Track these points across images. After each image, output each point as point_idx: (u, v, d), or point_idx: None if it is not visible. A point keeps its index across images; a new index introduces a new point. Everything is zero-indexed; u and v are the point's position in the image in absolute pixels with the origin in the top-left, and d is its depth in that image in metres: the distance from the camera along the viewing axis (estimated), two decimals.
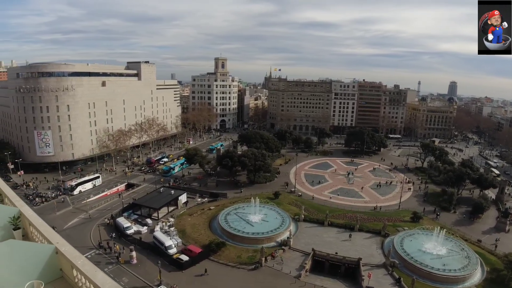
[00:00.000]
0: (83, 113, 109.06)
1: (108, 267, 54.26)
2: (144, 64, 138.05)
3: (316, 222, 72.17)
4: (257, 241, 62.39)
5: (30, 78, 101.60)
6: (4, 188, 14.54)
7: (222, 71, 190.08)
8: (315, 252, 58.94)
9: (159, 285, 49.80)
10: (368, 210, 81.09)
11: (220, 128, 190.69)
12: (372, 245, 63.87)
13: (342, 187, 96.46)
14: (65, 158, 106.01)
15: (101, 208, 79.83)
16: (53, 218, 70.96)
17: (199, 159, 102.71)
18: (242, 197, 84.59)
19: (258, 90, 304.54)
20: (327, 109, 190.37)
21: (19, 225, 12.17)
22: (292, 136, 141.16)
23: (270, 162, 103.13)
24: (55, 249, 10.02)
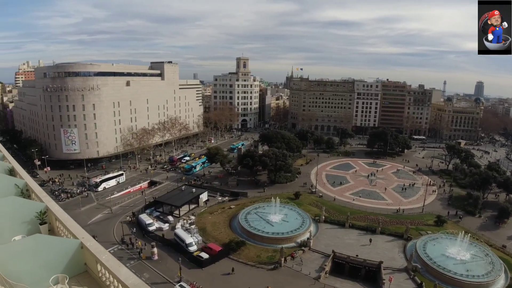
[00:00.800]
0: (108, 112, 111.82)
1: (130, 263, 55.51)
2: (167, 64, 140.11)
3: (337, 223, 71.40)
4: (277, 241, 62.32)
5: (57, 77, 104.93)
6: (32, 183, 15.08)
7: (244, 70, 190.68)
8: (335, 254, 58.33)
9: (179, 281, 50.50)
10: (391, 212, 79.54)
11: (241, 127, 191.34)
12: (394, 249, 62.67)
13: (364, 189, 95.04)
14: (90, 155, 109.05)
15: (124, 205, 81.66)
16: (78, 213, 73.14)
17: (220, 158, 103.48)
18: (262, 196, 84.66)
19: (279, 90, 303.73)
20: (349, 109, 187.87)
21: (46, 220, 12.60)
22: (313, 136, 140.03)
23: (291, 162, 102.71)
24: (81, 244, 10.32)
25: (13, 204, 12.35)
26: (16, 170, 17.02)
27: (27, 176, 16.06)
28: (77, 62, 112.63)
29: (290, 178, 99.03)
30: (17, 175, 16.54)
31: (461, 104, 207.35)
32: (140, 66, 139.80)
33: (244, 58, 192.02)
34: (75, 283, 10.02)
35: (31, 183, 15.14)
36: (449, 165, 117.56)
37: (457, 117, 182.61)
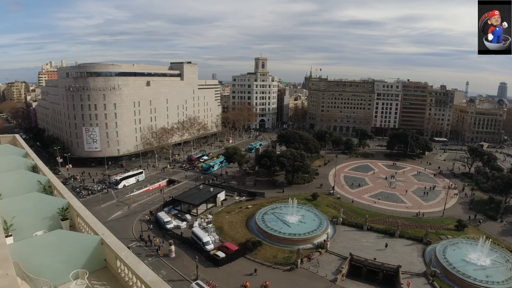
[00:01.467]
0: (128, 111, 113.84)
1: (148, 259, 56.36)
2: (186, 65, 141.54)
3: (355, 226, 70.51)
4: (294, 242, 62.04)
5: (79, 77, 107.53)
6: (54, 180, 15.46)
7: (262, 71, 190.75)
8: (353, 257, 57.63)
9: (195, 279, 50.90)
10: (410, 216, 77.95)
11: (259, 127, 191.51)
12: (412, 253, 61.43)
13: (383, 191, 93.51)
14: (111, 153, 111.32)
15: (143, 202, 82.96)
16: (98, 210, 74.69)
17: (238, 158, 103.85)
18: (279, 197, 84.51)
19: (298, 90, 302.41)
20: (369, 110, 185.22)
21: (67, 216, 12.91)
22: (332, 137, 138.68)
23: (309, 163, 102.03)
24: (101, 240, 10.53)
25: (36, 200, 12.70)
26: (39, 167, 17.50)
27: (50, 173, 16.48)
28: (99, 62, 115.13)
29: (307, 179, 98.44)
30: (40, 172, 17.01)
31: (484, 105, 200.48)
32: (160, 67, 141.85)
33: (262, 58, 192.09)
34: (94, 278, 10.22)
35: (54, 180, 15.53)
36: (471, 168, 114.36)
37: (479, 119, 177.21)
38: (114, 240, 10.35)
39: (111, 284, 10.14)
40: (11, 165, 16.57)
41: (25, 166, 17.33)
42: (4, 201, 11.15)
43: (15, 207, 11.40)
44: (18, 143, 24.18)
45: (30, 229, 11.95)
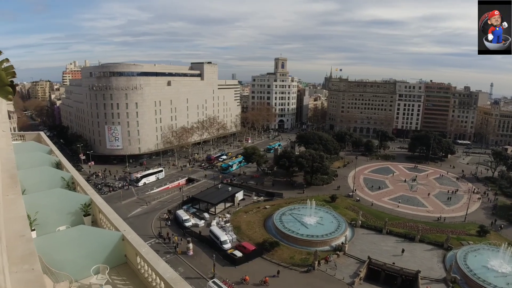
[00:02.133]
0: (149, 110, 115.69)
1: (166, 256, 57.12)
2: (206, 65, 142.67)
3: (374, 229, 69.32)
4: (311, 243, 61.62)
5: (102, 77, 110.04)
6: (77, 176, 15.78)
7: (282, 71, 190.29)
8: (371, 260, 56.72)
9: (212, 277, 51.18)
10: (431, 220, 76.15)
11: (278, 128, 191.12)
12: (432, 258, 59.95)
13: (403, 194, 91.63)
14: (132, 151, 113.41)
15: (162, 200, 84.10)
16: (119, 206, 76.10)
17: (257, 158, 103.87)
18: (298, 198, 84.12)
19: (317, 91, 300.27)
20: (390, 111, 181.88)
21: (90, 212, 13.14)
22: (352, 138, 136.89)
23: (328, 164, 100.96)
24: (122, 236, 10.66)
25: (59, 196, 12.97)
26: (62, 164, 17.89)
27: (73, 170, 16.83)
28: (121, 62, 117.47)
29: (326, 180, 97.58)
30: (63, 169, 17.38)
31: (509, 107, 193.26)
32: (181, 67, 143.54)
33: (282, 58, 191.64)
34: (115, 273, 10.35)
35: (77, 176, 15.84)
36: (494, 172, 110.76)
37: (504, 122, 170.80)
38: (134, 236, 10.46)
39: (130, 280, 10.25)
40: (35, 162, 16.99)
41: (49, 162, 17.73)
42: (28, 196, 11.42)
43: (39, 202, 11.66)
44: (42, 140, 24.82)
45: (53, 224, 12.21)
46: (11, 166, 7.30)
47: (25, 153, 17.76)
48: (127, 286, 10.10)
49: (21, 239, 3.52)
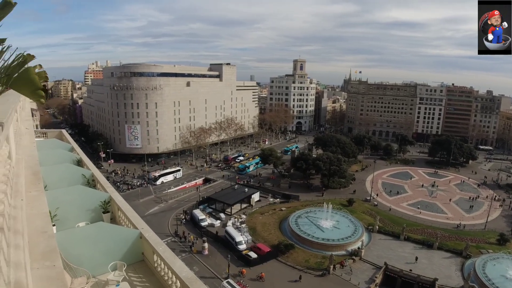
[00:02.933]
0: (168, 110, 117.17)
1: (181, 255, 57.58)
2: (225, 66, 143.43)
3: (392, 234, 68.04)
4: (327, 247, 60.99)
5: (123, 77, 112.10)
6: (97, 174, 16.11)
7: (300, 72, 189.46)
8: (388, 267, 55.69)
9: (226, 278, 51.32)
10: (450, 227, 74.29)
11: (296, 130, 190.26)
12: (451, 266, 58.44)
13: (422, 200, 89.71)
14: (151, 151, 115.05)
15: (179, 199, 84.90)
16: (137, 204, 77.16)
17: (274, 160, 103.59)
18: (314, 200, 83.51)
19: (336, 93, 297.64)
20: (410, 114, 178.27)
21: (109, 209, 13.40)
22: (370, 142, 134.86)
23: (346, 167, 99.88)
24: (140, 234, 10.82)
25: (80, 193, 13.27)
26: (83, 161, 18.29)
27: (94, 167, 17.18)
28: (142, 63, 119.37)
29: (343, 183, 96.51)
30: (84, 166, 17.77)
31: None
32: (200, 68, 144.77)
33: (301, 60, 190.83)
34: (132, 270, 10.50)
35: (97, 174, 16.17)
36: None
37: None
38: (152, 235, 10.60)
39: (147, 278, 10.39)
40: (57, 159, 17.42)
41: (71, 160, 18.15)
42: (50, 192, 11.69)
43: (60, 199, 11.93)
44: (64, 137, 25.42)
45: (73, 220, 12.50)
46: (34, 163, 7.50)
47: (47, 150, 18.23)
48: (144, 284, 10.23)
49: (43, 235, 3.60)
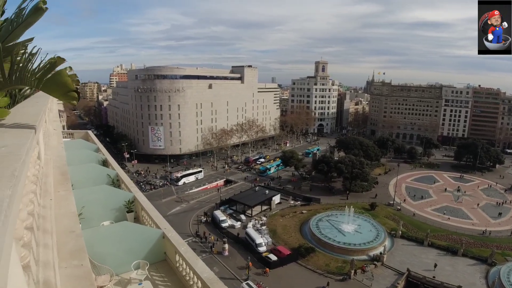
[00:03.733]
0: (191, 112, 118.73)
1: (202, 255, 57.95)
2: (247, 68, 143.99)
3: (415, 240, 66.32)
4: (348, 252, 60.07)
5: (147, 79, 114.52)
6: (122, 174, 16.44)
7: (322, 74, 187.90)
8: (410, 273, 54.31)
9: (246, 279, 51.36)
10: (476, 233, 71.76)
11: (317, 132, 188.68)
12: (475, 273, 56.45)
13: (447, 205, 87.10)
14: (173, 152, 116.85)
15: (201, 200, 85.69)
16: (159, 204, 78.26)
17: (295, 162, 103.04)
18: (336, 204, 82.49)
19: (359, 95, 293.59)
20: (435, 117, 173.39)
21: (133, 208, 13.65)
22: (394, 145, 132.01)
23: (368, 170, 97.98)
24: (162, 234, 10.97)
25: (105, 192, 13.58)
26: (108, 162, 18.70)
27: (118, 168, 17.55)
28: (165, 66, 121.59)
29: (366, 187, 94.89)
30: (109, 166, 18.16)
31: None
32: (222, 70, 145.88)
33: (323, 61, 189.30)
34: (154, 270, 10.65)
35: (122, 174, 16.50)
36: None
37: None
38: (174, 235, 10.73)
39: (169, 277, 10.51)
40: (83, 159, 17.89)
41: (96, 160, 18.60)
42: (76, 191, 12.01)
43: (86, 198, 12.23)
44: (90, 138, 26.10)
45: (98, 219, 12.81)
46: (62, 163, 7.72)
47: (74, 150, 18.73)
48: (165, 283, 10.35)
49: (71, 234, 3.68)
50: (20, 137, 3.16)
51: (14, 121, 3.65)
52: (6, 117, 3.86)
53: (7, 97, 4.78)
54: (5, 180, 2.19)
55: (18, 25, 3.43)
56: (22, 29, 3.54)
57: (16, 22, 3.46)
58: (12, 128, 3.48)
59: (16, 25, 3.44)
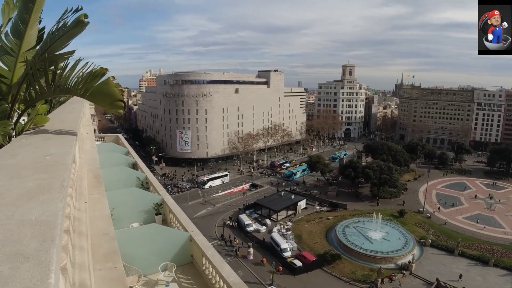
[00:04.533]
0: (217, 116, 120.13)
1: (227, 259, 58.07)
2: (273, 73, 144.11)
3: (445, 249, 63.85)
4: (375, 260, 58.64)
5: (175, 85, 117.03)
6: (151, 177, 16.83)
7: (349, 78, 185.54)
8: (439, 283, 52.29)
9: (270, 284, 51.13)
10: (508, 243, 68.22)
11: (344, 136, 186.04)
12: (506, 284, 53.65)
13: (479, 213, 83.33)
14: (200, 155, 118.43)
15: (227, 203, 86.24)
16: (185, 207, 79.32)
17: (321, 167, 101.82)
18: (363, 210, 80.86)
19: (387, 98, 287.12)
20: (467, 121, 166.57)
21: (161, 211, 13.94)
22: (424, 150, 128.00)
23: (397, 176, 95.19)
24: (190, 237, 11.14)
25: (134, 195, 13.94)
26: (138, 165, 19.18)
27: (147, 171, 17.99)
28: (193, 71, 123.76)
29: (394, 193, 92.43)
30: (139, 169, 18.63)
31: None
32: (248, 75, 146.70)
33: (350, 65, 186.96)
34: (180, 272, 10.82)
35: (151, 177, 16.90)
36: None
37: None
38: (201, 238, 10.86)
39: (195, 280, 10.64)
40: (114, 162, 18.42)
41: (126, 163, 19.11)
42: (107, 193, 12.37)
43: (116, 200, 12.57)
44: (120, 142, 26.86)
45: (127, 220, 13.15)
46: (95, 166, 8.00)
47: (105, 153, 19.32)
48: (192, 286, 10.48)
49: (105, 237, 3.81)
50: (63, 145, 3.30)
51: (54, 127, 3.83)
52: (45, 124, 4.06)
53: (47, 105, 5.04)
54: (57, 192, 2.31)
55: (58, 37, 3.62)
56: (64, 40, 3.73)
57: (58, 34, 3.65)
58: (54, 135, 3.64)
59: (57, 36, 3.63)
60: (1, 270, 1.54)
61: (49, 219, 2.05)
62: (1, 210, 2.15)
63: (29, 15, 3.80)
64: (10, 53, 4.11)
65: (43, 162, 2.99)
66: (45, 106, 4.23)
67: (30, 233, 1.88)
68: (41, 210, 2.17)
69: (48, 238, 1.84)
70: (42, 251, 1.73)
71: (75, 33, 3.58)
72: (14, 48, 4.09)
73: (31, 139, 3.99)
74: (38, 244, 1.77)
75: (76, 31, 3.54)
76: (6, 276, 1.49)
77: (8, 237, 1.83)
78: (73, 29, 3.51)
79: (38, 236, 1.86)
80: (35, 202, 2.27)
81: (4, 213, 2.12)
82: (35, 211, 2.15)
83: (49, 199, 2.32)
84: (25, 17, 3.82)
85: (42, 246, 1.77)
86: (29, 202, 2.28)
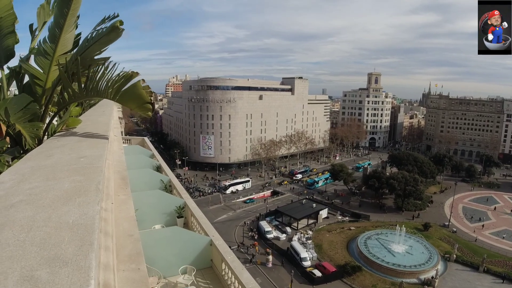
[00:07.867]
0: (241, 122, 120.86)
1: (245, 265, 58.00)
2: (297, 80, 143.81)
3: (470, 265, 61.53)
4: (397, 273, 57.04)
5: (200, 90, 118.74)
6: (174, 180, 17.08)
7: (375, 86, 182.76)
8: None
9: None
10: None
11: (369, 146, 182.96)
12: None
13: (507, 229, 79.89)
14: (223, 160, 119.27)
15: (247, 209, 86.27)
16: (206, 211, 79.79)
17: (344, 176, 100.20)
18: (386, 222, 78.98)
19: (414, 108, 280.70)
20: (496, 133, 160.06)
21: (183, 214, 14.12)
22: (451, 162, 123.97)
23: (423, 188, 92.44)
24: (210, 241, 11.21)
25: (158, 197, 14.19)
26: (162, 167, 19.52)
27: (171, 174, 18.27)
28: (218, 77, 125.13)
29: (419, 206, 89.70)
30: (163, 172, 18.95)
31: None
32: (272, 81, 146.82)
33: (376, 73, 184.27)
34: (200, 276, 10.89)
35: (174, 180, 17.15)
36: None
37: None
38: (222, 243, 10.91)
39: (214, 284, 10.68)
40: (140, 164, 18.82)
41: (151, 165, 19.48)
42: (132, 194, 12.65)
43: (140, 201, 12.80)
44: (146, 144, 27.44)
45: (150, 222, 13.39)
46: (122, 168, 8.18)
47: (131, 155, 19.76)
48: None
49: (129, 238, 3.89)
50: (96, 148, 3.40)
51: (87, 130, 3.97)
52: (78, 126, 4.23)
53: (79, 107, 5.24)
54: (93, 195, 2.39)
55: (93, 42, 3.79)
56: (99, 46, 3.89)
57: (93, 39, 3.82)
58: (87, 138, 3.78)
59: (92, 42, 3.80)
60: (39, 275, 1.51)
61: (87, 223, 2.10)
62: (38, 212, 2.22)
63: (64, 20, 3.99)
64: (45, 56, 4.33)
65: (78, 164, 3.09)
66: (77, 109, 4.42)
67: (68, 236, 1.92)
68: (78, 213, 2.22)
69: (86, 242, 1.87)
70: (81, 256, 1.72)
71: (110, 39, 3.73)
72: (49, 51, 4.30)
73: (64, 140, 4.14)
74: (76, 248, 1.79)
75: (111, 37, 3.69)
76: (44, 281, 1.46)
77: (46, 240, 1.86)
78: (108, 35, 3.66)
79: (76, 239, 1.89)
80: (71, 205, 2.33)
81: (41, 215, 2.17)
82: (72, 213, 2.20)
83: (85, 202, 2.37)
84: (60, 21, 4.00)
85: (81, 250, 1.78)
86: (65, 205, 2.33)
